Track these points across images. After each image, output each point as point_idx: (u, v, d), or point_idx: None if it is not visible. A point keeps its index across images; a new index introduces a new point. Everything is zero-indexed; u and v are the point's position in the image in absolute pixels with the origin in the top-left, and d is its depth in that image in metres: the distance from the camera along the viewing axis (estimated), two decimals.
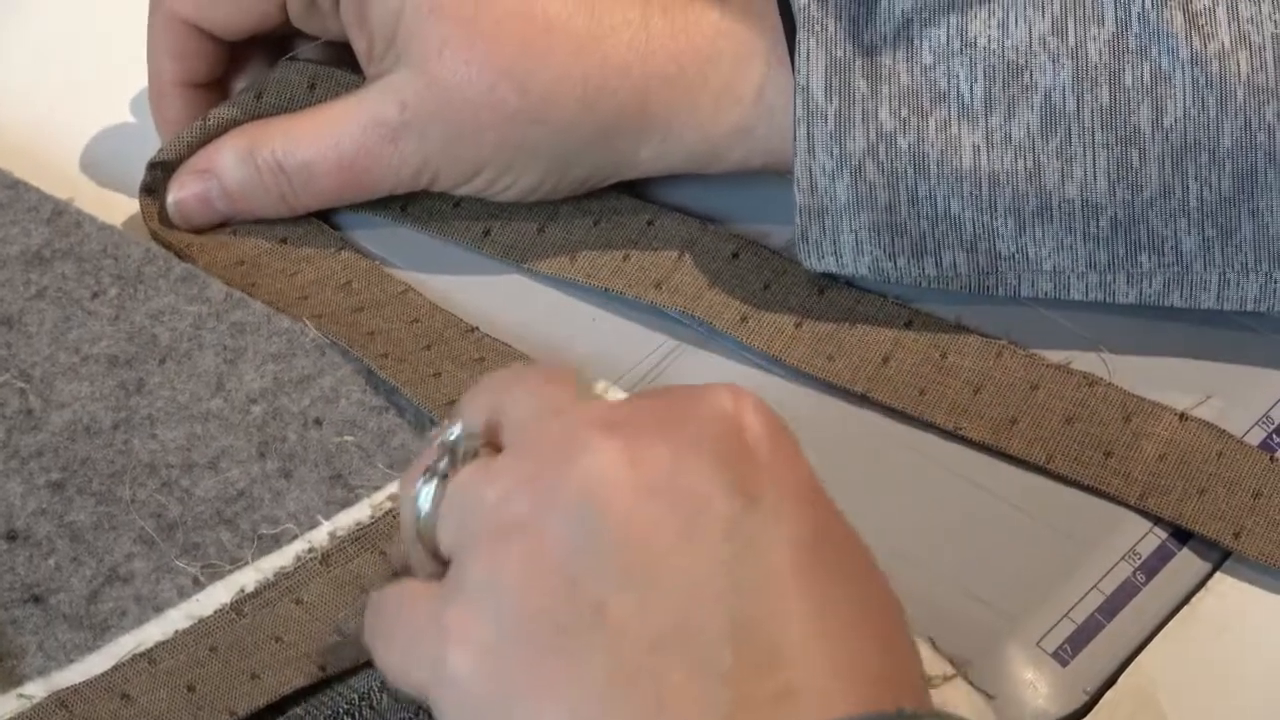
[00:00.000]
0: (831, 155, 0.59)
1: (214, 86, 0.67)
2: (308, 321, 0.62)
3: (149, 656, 0.54)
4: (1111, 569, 0.58)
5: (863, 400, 0.61)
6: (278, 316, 0.62)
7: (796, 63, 0.59)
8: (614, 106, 0.61)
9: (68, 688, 0.53)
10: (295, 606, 0.55)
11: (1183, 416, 0.60)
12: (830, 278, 0.63)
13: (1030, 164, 0.58)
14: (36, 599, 0.56)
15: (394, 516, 0.56)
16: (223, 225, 0.66)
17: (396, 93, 0.62)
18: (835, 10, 0.59)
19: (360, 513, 0.57)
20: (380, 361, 0.61)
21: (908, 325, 0.63)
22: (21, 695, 0.52)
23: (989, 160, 0.59)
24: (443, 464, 0.48)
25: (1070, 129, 0.58)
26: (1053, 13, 0.58)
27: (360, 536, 0.56)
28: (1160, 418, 0.60)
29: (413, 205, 0.66)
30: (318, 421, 0.60)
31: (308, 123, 0.64)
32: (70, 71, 0.73)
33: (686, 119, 0.62)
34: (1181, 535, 0.59)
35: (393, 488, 0.57)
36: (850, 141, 0.59)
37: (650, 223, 0.65)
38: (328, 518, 0.57)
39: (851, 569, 0.46)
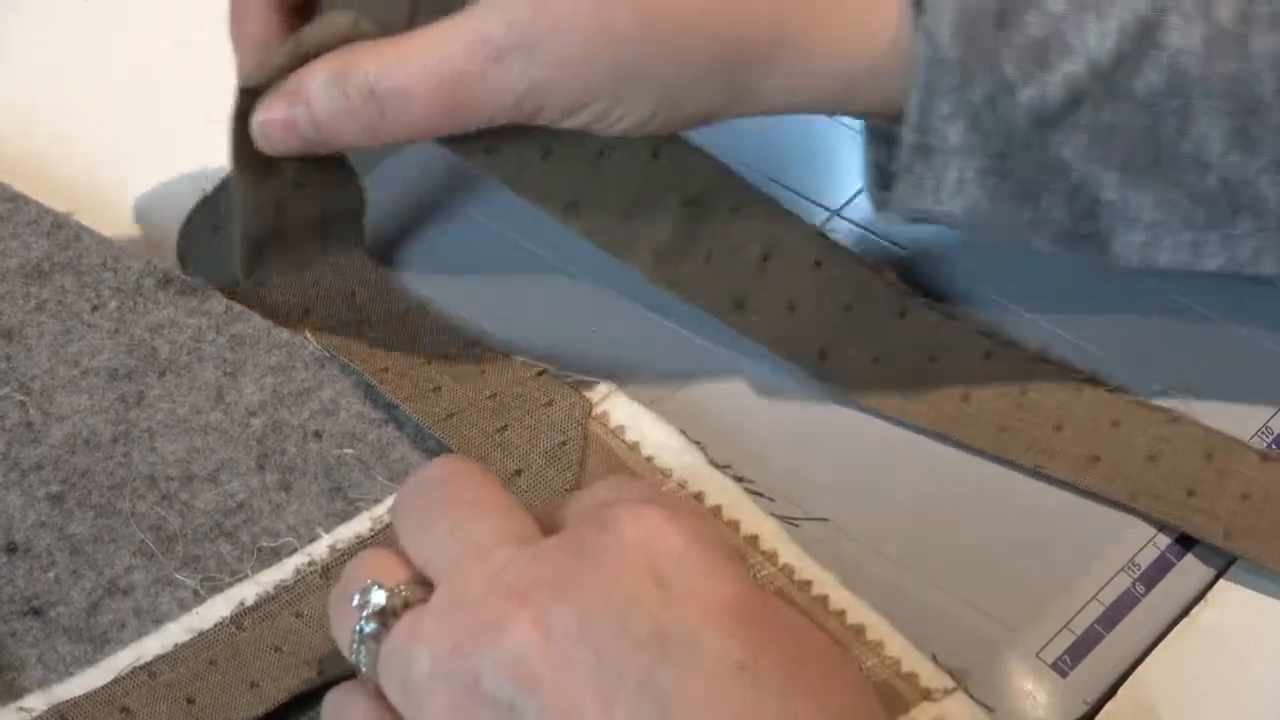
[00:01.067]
0: (950, 101, 0.57)
1: (298, 9, 0.62)
2: (308, 334, 0.62)
3: (149, 669, 0.54)
4: (1111, 580, 0.58)
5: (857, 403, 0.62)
6: (277, 329, 0.63)
7: (925, 4, 0.57)
8: (741, 31, 0.57)
9: (67, 700, 0.53)
10: (295, 619, 0.55)
11: (1264, 456, 0.60)
12: (910, 297, 0.63)
13: (1148, 121, 0.57)
14: (36, 611, 0.56)
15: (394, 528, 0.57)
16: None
17: (503, 11, 0.57)
18: None
19: (360, 525, 0.57)
20: (380, 376, 0.61)
21: (987, 357, 0.62)
22: (21, 708, 0.52)
23: (1109, 114, 0.57)
24: (371, 628, 0.48)
25: (1192, 92, 0.57)
26: None
27: (360, 549, 0.56)
28: (1243, 457, 0.60)
29: (502, 148, 0.61)
30: (317, 434, 0.60)
31: (405, 44, 0.58)
32: (70, 84, 0.73)
33: (822, 50, 0.58)
34: (1181, 545, 0.59)
35: (392, 500, 0.57)
36: (971, 91, 0.57)
37: (734, 209, 0.62)
38: (327, 530, 0.57)
39: (796, 677, 0.45)
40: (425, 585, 0.49)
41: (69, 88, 0.73)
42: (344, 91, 0.58)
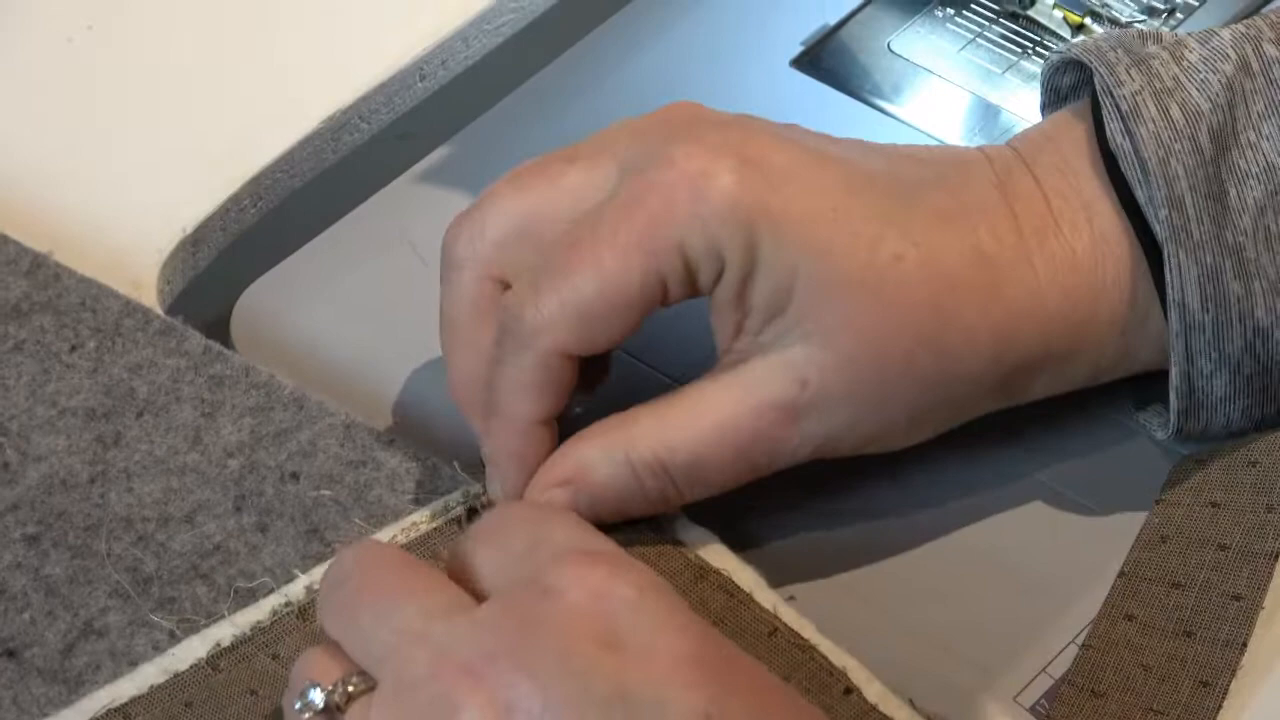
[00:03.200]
0: (1210, 360, 0.58)
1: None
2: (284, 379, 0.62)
3: (123, 711, 0.53)
4: (1090, 623, 0.57)
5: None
6: (255, 370, 0.62)
7: (1168, 277, 0.57)
8: (1021, 354, 0.57)
9: None
10: (271, 661, 0.55)
11: None
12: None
13: None
14: (11, 653, 0.55)
15: None
16: None
17: (795, 371, 0.55)
18: (1195, 214, 0.56)
19: None
20: None
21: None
22: None
23: None
24: None
25: None
26: None
27: None
28: None
29: None
30: (295, 476, 0.60)
31: (685, 414, 0.56)
32: (50, 124, 0.73)
33: (1082, 354, 0.59)
34: None
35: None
36: (1228, 344, 0.57)
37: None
38: (304, 571, 0.57)
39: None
40: (368, 676, 0.49)
41: (48, 127, 0.73)
42: (632, 470, 0.56)
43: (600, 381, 0.60)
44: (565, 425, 0.58)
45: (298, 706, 0.49)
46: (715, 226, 0.55)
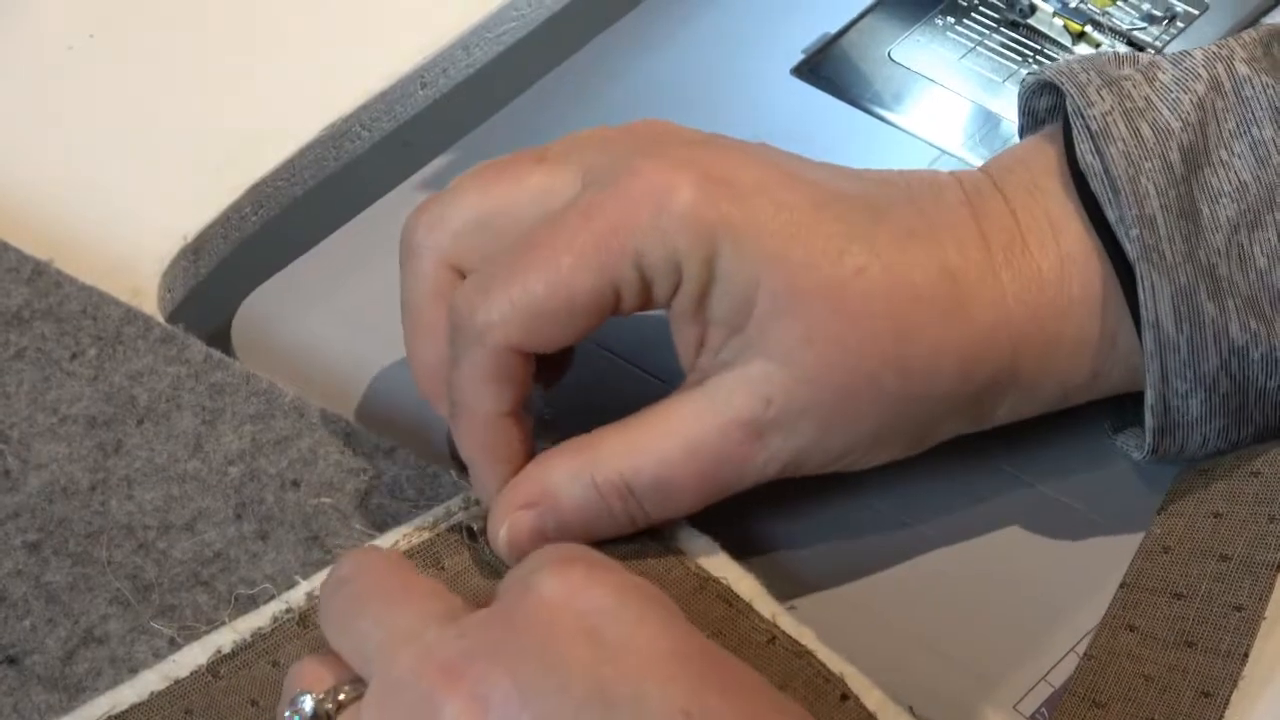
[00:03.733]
0: (1185, 380, 0.57)
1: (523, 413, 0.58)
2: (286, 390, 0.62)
3: (124, 718, 0.53)
4: (1089, 632, 0.57)
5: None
6: (255, 378, 0.63)
7: (1141, 297, 0.56)
8: (988, 372, 0.57)
9: None
10: (272, 668, 0.55)
11: None
12: None
13: None
14: (11, 660, 0.55)
15: None
16: None
17: (758, 387, 0.55)
18: (1168, 233, 0.56)
19: None
20: None
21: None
22: None
23: None
24: None
25: None
26: None
27: None
28: None
29: None
30: (295, 483, 0.60)
31: (649, 435, 0.56)
32: (51, 131, 0.73)
33: (1049, 374, 0.58)
34: None
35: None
36: (1204, 364, 0.57)
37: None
38: (305, 578, 0.57)
39: (743, 716, 0.46)
40: (360, 683, 0.49)
41: (50, 134, 0.73)
42: (595, 487, 0.56)
43: (562, 372, 0.61)
44: (539, 429, 0.58)
45: (288, 714, 0.49)
46: (674, 237, 0.55)
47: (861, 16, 0.75)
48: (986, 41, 0.74)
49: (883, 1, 0.76)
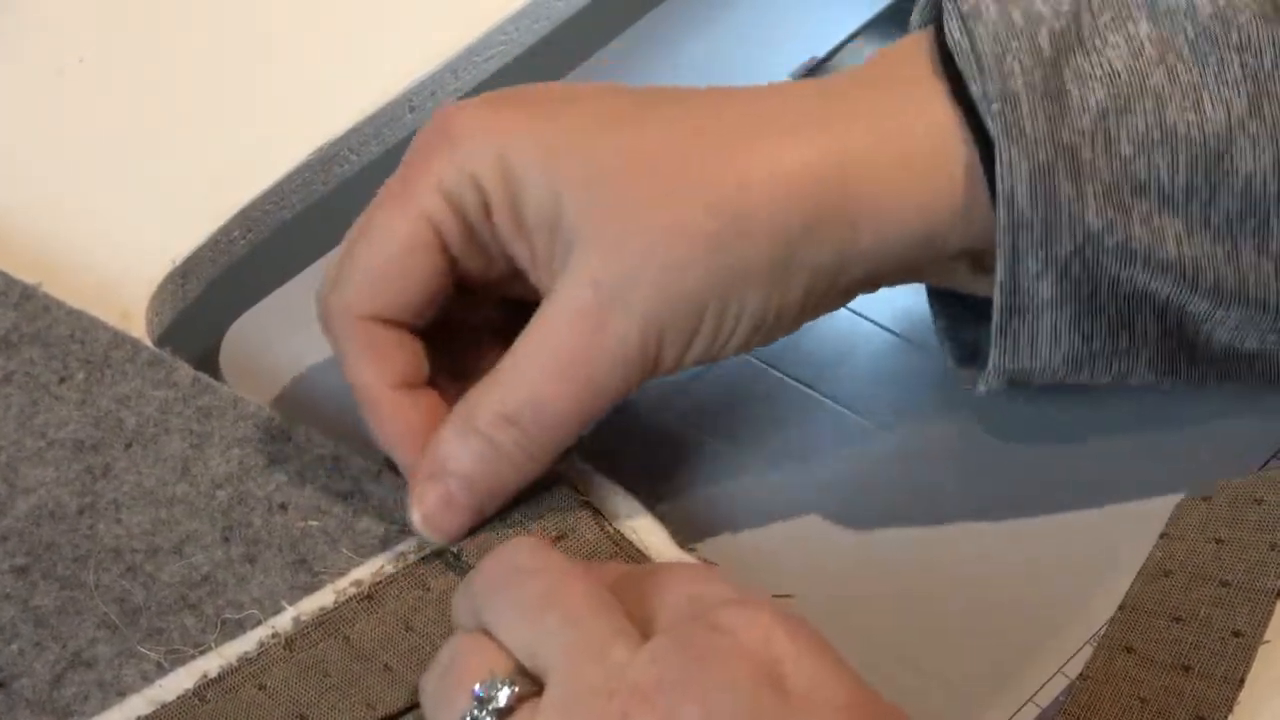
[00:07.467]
0: (1037, 259, 0.57)
1: (426, 389, 0.60)
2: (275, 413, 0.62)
3: None
4: (1077, 653, 0.58)
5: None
6: (243, 401, 0.63)
7: (999, 170, 0.56)
8: (811, 193, 0.56)
9: None
10: (258, 692, 0.55)
11: None
12: None
13: (1229, 246, 0.57)
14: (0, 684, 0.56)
15: (357, 601, 0.57)
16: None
17: (582, 275, 0.56)
18: (1030, 110, 0.56)
19: (324, 598, 0.57)
20: None
21: None
22: None
23: (1190, 247, 0.57)
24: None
25: (1270, 211, 0.57)
26: (1248, 93, 0.56)
27: (324, 621, 0.56)
28: None
29: None
30: (283, 506, 0.60)
31: (510, 364, 0.57)
32: (40, 155, 0.73)
33: (895, 194, 0.57)
34: None
35: (357, 573, 0.58)
36: (1057, 245, 0.56)
37: None
38: (291, 603, 0.57)
39: None
40: (528, 678, 0.48)
41: (38, 158, 0.73)
42: (478, 433, 0.57)
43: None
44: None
45: (480, 693, 0.48)
46: (462, 155, 0.57)
47: (848, 40, 0.76)
48: None
49: (871, 24, 0.76)
